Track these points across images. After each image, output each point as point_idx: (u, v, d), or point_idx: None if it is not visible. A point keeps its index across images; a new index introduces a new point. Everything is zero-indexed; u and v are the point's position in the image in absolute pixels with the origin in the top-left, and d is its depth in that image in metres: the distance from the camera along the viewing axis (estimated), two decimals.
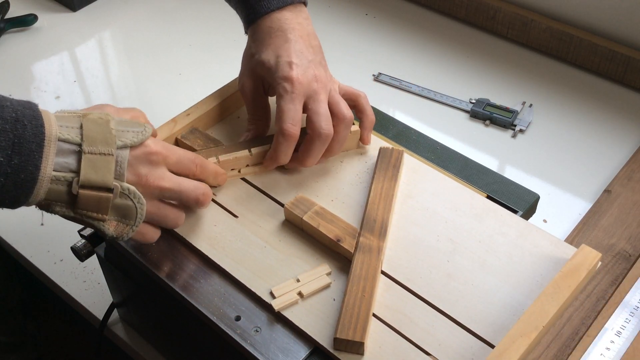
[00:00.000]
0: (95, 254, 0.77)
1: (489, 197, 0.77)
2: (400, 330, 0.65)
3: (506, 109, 1.09)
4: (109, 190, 0.61)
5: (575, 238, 0.89)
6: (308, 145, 0.74)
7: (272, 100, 0.80)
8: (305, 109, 0.74)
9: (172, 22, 1.32)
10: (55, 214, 0.62)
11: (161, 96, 1.16)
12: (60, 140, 0.59)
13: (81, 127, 0.61)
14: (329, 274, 0.69)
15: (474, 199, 0.76)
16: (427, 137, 0.84)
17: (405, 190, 0.77)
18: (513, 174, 1.01)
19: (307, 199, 0.74)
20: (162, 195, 0.65)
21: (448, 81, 1.16)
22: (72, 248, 0.74)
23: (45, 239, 0.95)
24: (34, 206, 0.61)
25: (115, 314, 0.87)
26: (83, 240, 0.74)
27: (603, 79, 1.16)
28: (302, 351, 0.64)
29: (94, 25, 1.32)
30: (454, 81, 1.16)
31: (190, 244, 0.71)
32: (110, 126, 0.62)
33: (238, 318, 0.66)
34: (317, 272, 0.69)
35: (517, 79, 1.16)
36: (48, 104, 1.15)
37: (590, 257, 0.68)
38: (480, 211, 0.74)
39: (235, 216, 0.74)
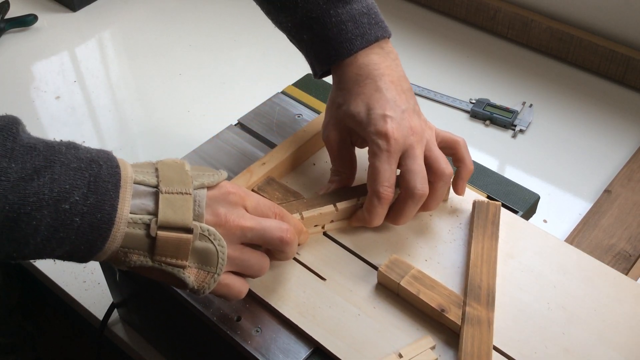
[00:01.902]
0: None
1: (489, 197, 0.77)
2: None
3: (506, 109, 1.09)
4: (189, 231, 0.57)
5: (575, 238, 0.89)
6: (401, 204, 0.68)
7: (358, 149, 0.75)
8: (399, 164, 0.68)
9: (172, 22, 1.32)
10: (131, 267, 0.58)
11: (161, 96, 1.16)
12: (136, 182, 0.57)
13: (156, 170, 0.59)
14: (433, 347, 0.63)
15: (581, 259, 0.69)
16: None
17: (504, 248, 0.70)
18: (513, 174, 1.01)
19: (402, 261, 0.67)
20: (244, 236, 0.61)
21: (448, 81, 1.16)
22: None
23: None
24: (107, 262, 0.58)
25: (115, 314, 0.87)
26: None
27: (603, 79, 1.15)
28: (303, 351, 0.64)
29: (94, 25, 1.32)
30: (454, 81, 1.16)
31: (278, 311, 0.66)
32: (186, 168, 0.60)
33: (239, 319, 0.66)
34: (421, 346, 0.62)
35: (517, 79, 1.16)
36: (48, 104, 1.15)
37: None
38: (590, 273, 0.68)
39: (323, 279, 0.68)
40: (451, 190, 0.74)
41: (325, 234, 0.72)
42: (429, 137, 0.70)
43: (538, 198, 0.78)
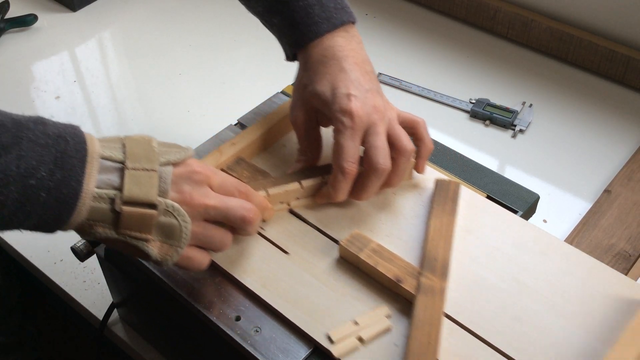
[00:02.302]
0: (95, 254, 0.77)
1: (489, 197, 0.77)
2: None
3: (506, 109, 1.09)
4: (153, 206, 0.59)
5: (575, 238, 0.89)
6: (364, 180, 0.70)
7: (323, 129, 0.77)
8: (362, 141, 0.70)
9: (172, 22, 1.32)
10: (96, 238, 0.60)
11: (161, 96, 1.16)
12: (102, 157, 0.58)
13: (124, 146, 0.60)
14: (388, 316, 0.65)
15: (537, 234, 0.72)
16: None
17: (463, 225, 0.73)
18: (513, 174, 1.01)
19: (363, 235, 0.70)
20: (207, 214, 0.63)
21: (448, 81, 1.16)
22: (72, 248, 0.74)
23: (45, 239, 0.95)
24: (74, 232, 0.60)
25: (115, 314, 0.87)
26: (83, 240, 0.74)
27: (603, 79, 1.15)
28: (302, 351, 0.64)
29: (94, 25, 1.32)
30: (454, 81, 1.16)
31: (241, 282, 0.68)
32: (152, 145, 0.61)
33: (238, 318, 0.66)
34: (376, 315, 0.65)
35: (517, 79, 1.16)
36: (48, 104, 1.15)
37: None
38: (545, 248, 0.70)
39: (286, 253, 0.71)
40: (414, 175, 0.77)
41: (291, 210, 0.74)
42: (391, 116, 0.72)
43: (538, 198, 0.78)
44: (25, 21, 1.29)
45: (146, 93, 1.18)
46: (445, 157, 0.81)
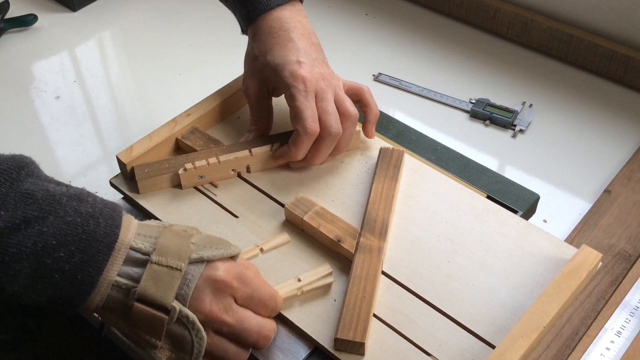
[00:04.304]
0: None
1: (489, 197, 0.77)
2: (400, 330, 0.65)
3: (506, 109, 1.09)
4: (166, 310, 0.55)
5: (575, 238, 0.89)
6: (318, 144, 0.74)
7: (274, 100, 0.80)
8: None
9: (172, 22, 1.32)
10: (111, 325, 0.57)
11: (161, 96, 1.16)
12: (132, 248, 0.55)
13: (158, 236, 0.57)
14: (329, 274, 0.69)
15: (474, 199, 0.75)
16: (427, 137, 0.84)
17: (405, 190, 0.77)
18: (513, 174, 1.01)
19: (307, 199, 0.74)
20: (221, 330, 0.59)
21: (448, 81, 1.16)
22: None
23: None
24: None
25: None
26: None
27: (603, 79, 1.15)
28: (302, 351, 0.64)
29: (94, 25, 1.32)
30: (454, 81, 1.16)
31: None
32: (191, 240, 0.57)
33: None
34: (318, 273, 0.69)
35: (517, 79, 1.16)
36: (48, 104, 1.15)
37: (591, 257, 0.68)
38: (481, 211, 0.74)
39: (236, 216, 0.74)
40: (362, 141, 0.81)
41: (241, 176, 0.78)
42: (336, 84, 0.76)
43: (538, 198, 0.78)
44: (25, 21, 1.28)
45: (146, 93, 1.18)
46: (445, 157, 0.81)
